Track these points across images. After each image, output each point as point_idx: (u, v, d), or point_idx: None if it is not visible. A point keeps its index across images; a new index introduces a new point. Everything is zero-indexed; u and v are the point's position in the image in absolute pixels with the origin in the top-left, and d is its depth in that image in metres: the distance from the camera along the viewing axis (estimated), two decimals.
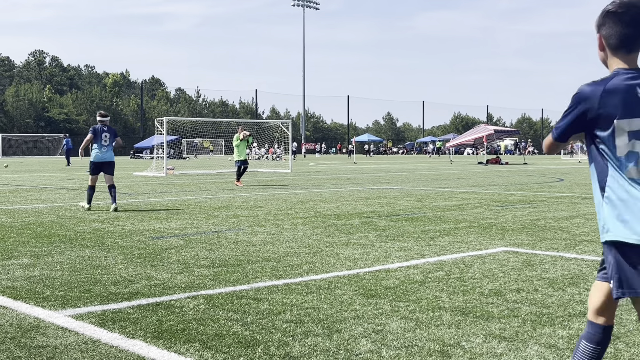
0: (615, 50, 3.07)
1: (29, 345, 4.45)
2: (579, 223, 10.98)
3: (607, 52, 3.11)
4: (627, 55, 3.05)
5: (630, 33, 3.02)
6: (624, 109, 2.96)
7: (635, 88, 2.98)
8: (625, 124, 2.96)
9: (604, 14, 3.07)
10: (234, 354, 4.27)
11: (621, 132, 2.97)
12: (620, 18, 3.01)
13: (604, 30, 3.08)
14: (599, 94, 2.97)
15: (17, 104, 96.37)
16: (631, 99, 2.96)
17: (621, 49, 3.05)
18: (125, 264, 7.38)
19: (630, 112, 2.96)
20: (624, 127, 2.96)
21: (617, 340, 4.54)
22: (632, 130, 2.97)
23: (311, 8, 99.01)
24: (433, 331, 4.76)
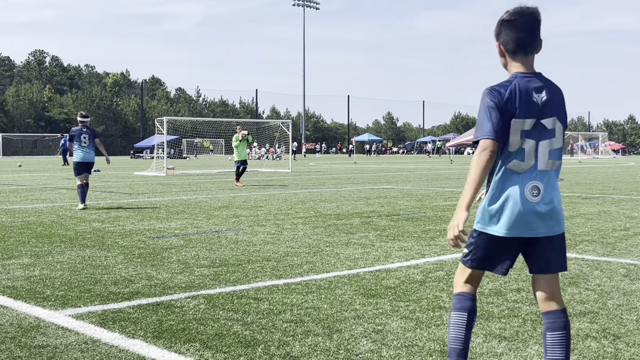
0: (513, 55, 3.40)
1: (29, 345, 4.44)
2: (579, 223, 10.98)
3: (507, 58, 3.43)
4: (525, 57, 3.38)
5: (525, 37, 3.35)
6: (520, 109, 3.28)
7: (531, 90, 3.31)
8: (519, 123, 3.29)
9: (500, 23, 3.41)
10: (234, 353, 4.27)
11: (515, 130, 3.29)
12: (515, 25, 3.35)
13: (502, 38, 3.42)
14: (505, 93, 3.29)
15: (17, 103, 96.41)
16: (526, 100, 3.29)
17: (518, 52, 3.38)
18: (126, 263, 7.38)
19: (525, 112, 3.29)
20: (518, 125, 3.29)
21: (617, 340, 4.54)
22: (524, 129, 3.30)
23: (311, 8, 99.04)
24: (433, 331, 4.76)
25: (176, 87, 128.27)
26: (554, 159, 3.39)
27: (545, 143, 3.34)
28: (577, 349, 4.37)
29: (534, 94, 3.32)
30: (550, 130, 3.36)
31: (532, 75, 3.37)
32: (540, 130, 3.33)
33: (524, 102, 3.29)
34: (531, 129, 3.31)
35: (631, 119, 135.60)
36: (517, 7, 3.37)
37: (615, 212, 12.77)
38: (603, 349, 4.37)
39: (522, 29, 3.35)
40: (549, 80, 3.42)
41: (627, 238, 9.26)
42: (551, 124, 3.35)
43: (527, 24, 3.35)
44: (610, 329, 4.81)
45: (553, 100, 3.37)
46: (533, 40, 3.37)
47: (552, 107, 3.36)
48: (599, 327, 4.87)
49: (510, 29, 3.37)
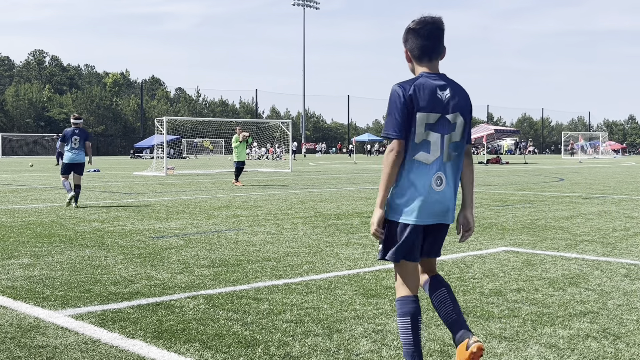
0: (419, 60, 3.67)
1: (29, 345, 4.44)
2: (579, 223, 10.97)
3: (413, 63, 3.71)
4: (429, 63, 3.66)
5: (429, 44, 3.63)
6: (424, 104, 3.54)
7: (435, 88, 3.58)
8: (424, 117, 3.54)
9: (407, 30, 3.68)
10: (234, 354, 4.27)
11: (421, 123, 3.55)
12: (420, 33, 3.63)
13: (409, 45, 3.69)
14: (410, 90, 3.54)
15: (17, 103, 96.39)
16: (431, 96, 3.56)
17: (423, 58, 3.65)
18: (125, 263, 7.38)
19: (429, 107, 3.55)
20: (423, 119, 3.54)
21: (618, 340, 4.54)
22: (429, 122, 3.56)
23: (311, 8, 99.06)
24: (433, 331, 4.76)
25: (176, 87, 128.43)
26: (457, 152, 3.66)
27: (449, 137, 3.61)
28: (577, 349, 4.36)
29: (439, 91, 3.59)
30: (453, 125, 3.63)
31: (437, 76, 3.65)
32: (444, 125, 3.59)
33: (429, 98, 3.55)
34: (436, 122, 3.57)
35: (631, 118, 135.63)
36: (422, 17, 3.66)
37: (616, 212, 12.77)
38: (603, 349, 4.36)
39: (427, 37, 3.62)
40: (453, 80, 3.71)
41: (627, 238, 9.25)
42: (454, 119, 3.62)
43: (431, 32, 3.63)
44: (610, 329, 4.80)
45: (456, 98, 3.64)
46: (437, 47, 3.65)
47: (456, 104, 3.62)
48: (599, 327, 4.86)
49: (416, 36, 3.64)
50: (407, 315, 3.61)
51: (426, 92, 3.55)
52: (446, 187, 3.61)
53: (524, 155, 68.63)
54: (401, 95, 3.54)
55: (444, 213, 3.63)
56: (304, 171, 34.54)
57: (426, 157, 3.56)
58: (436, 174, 3.57)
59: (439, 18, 3.66)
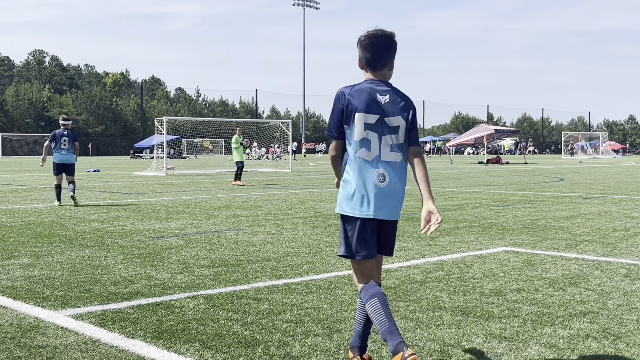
0: (366, 68, 3.98)
1: (29, 345, 4.44)
2: (579, 223, 10.97)
3: (363, 70, 4.01)
4: (374, 72, 3.96)
5: (373, 57, 3.94)
6: (363, 105, 3.84)
7: (375, 92, 3.88)
8: (363, 117, 3.84)
9: (358, 41, 3.99)
10: (234, 354, 4.27)
11: (359, 122, 3.84)
12: (364, 44, 3.94)
13: (359, 54, 4.02)
14: (348, 93, 3.87)
15: (17, 103, 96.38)
16: (369, 99, 3.86)
17: (369, 67, 3.96)
18: (125, 264, 7.38)
19: (367, 108, 3.84)
20: (362, 119, 3.84)
21: (618, 340, 4.54)
22: (367, 122, 3.84)
23: (311, 8, 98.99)
24: (433, 331, 4.76)
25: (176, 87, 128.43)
26: (396, 152, 3.90)
27: (388, 137, 3.87)
28: (577, 349, 4.36)
29: (379, 95, 3.89)
30: (393, 128, 3.88)
31: (380, 82, 3.95)
32: (383, 126, 3.87)
33: (367, 100, 3.85)
34: (375, 123, 3.86)
35: (631, 118, 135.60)
36: (372, 31, 3.95)
37: (616, 212, 12.77)
38: (603, 349, 4.36)
39: (370, 49, 3.93)
40: (398, 89, 3.99)
41: (627, 238, 9.25)
42: (394, 123, 3.88)
43: (377, 45, 3.93)
44: (610, 329, 4.80)
45: (397, 103, 3.91)
46: (380, 59, 3.94)
47: (396, 109, 3.89)
48: (599, 327, 4.86)
49: (364, 48, 3.95)
50: (373, 296, 3.75)
51: (364, 95, 3.86)
52: (389, 184, 3.85)
53: (524, 155, 68.63)
54: (340, 98, 3.88)
55: (390, 209, 3.85)
56: (304, 171, 34.54)
57: (367, 154, 3.84)
58: (378, 170, 3.84)
59: (389, 33, 3.95)
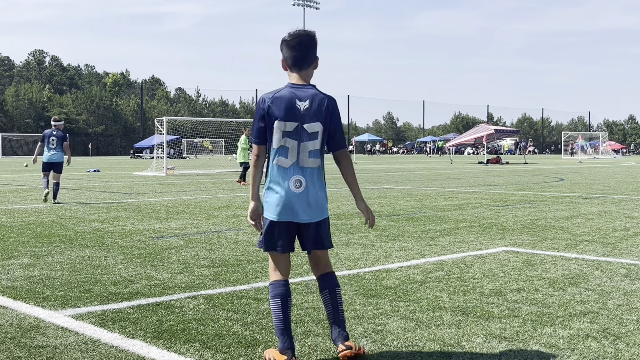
0: (291, 68, 4.09)
1: (29, 345, 4.44)
2: (579, 223, 10.97)
3: (287, 71, 4.13)
4: (299, 72, 4.08)
5: (299, 55, 4.06)
6: (281, 113, 3.97)
7: (294, 99, 3.99)
8: (282, 125, 3.98)
9: (282, 42, 4.10)
10: (234, 354, 4.27)
11: (278, 130, 3.98)
12: (290, 44, 4.05)
13: (283, 54, 4.12)
14: (268, 101, 4.00)
15: (17, 103, 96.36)
16: (288, 107, 3.98)
17: (294, 67, 4.08)
18: (125, 264, 7.38)
19: (285, 116, 3.97)
20: (280, 127, 3.98)
21: (618, 340, 4.54)
22: (285, 130, 3.99)
23: (311, 8, 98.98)
24: (433, 331, 4.75)
25: (176, 87, 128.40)
26: (315, 157, 4.06)
27: (305, 144, 4.02)
28: (577, 349, 4.36)
29: (297, 102, 3.99)
30: (312, 134, 4.02)
31: (302, 86, 4.05)
32: (301, 133, 4.00)
33: (286, 108, 3.98)
34: (293, 131, 3.99)
35: (631, 118, 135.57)
36: (295, 31, 4.09)
37: (616, 212, 12.77)
38: (603, 349, 4.36)
39: (298, 48, 4.04)
40: (320, 92, 4.08)
41: (627, 238, 9.25)
42: (313, 129, 4.02)
43: (301, 44, 4.05)
44: (610, 329, 4.80)
45: (317, 109, 4.02)
46: (306, 58, 4.07)
47: (315, 114, 4.02)
48: (599, 327, 4.86)
49: (288, 48, 4.07)
50: (277, 297, 4.07)
51: (283, 103, 3.98)
52: (305, 189, 4.02)
53: (524, 155, 68.62)
54: (261, 106, 4.03)
55: (306, 212, 4.03)
56: None
57: (284, 162, 4.01)
58: (294, 177, 4.01)
59: (311, 32, 4.10)
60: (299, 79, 4.09)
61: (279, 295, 4.06)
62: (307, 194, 4.03)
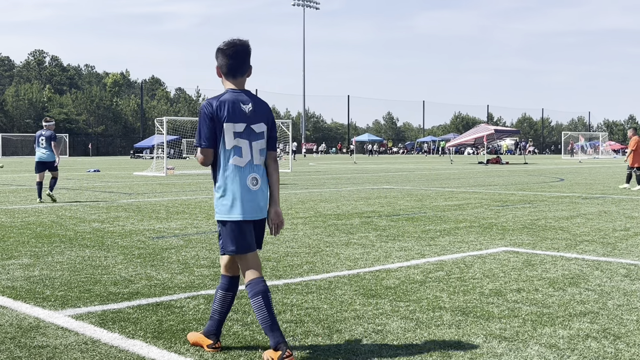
0: (226, 76, 4.27)
1: (29, 345, 4.44)
2: (579, 223, 10.97)
3: (222, 78, 4.30)
4: (235, 79, 4.27)
5: (234, 63, 4.23)
6: (230, 115, 4.15)
7: (239, 102, 4.20)
8: (231, 126, 4.15)
9: (217, 50, 4.26)
10: (234, 354, 4.27)
11: (228, 132, 4.14)
12: (227, 53, 4.22)
13: (218, 62, 4.29)
14: (215, 105, 4.15)
15: (17, 103, 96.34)
16: (235, 109, 4.17)
17: (229, 75, 4.26)
18: (125, 264, 7.38)
19: (234, 118, 4.16)
20: (230, 128, 4.15)
21: (618, 340, 4.54)
22: (236, 131, 4.16)
23: (311, 8, 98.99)
24: (433, 331, 4.76)
25: (176, 87, 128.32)
26: (263, 156, 4.28)
27: (256, 143, 4.23)
28: (577, 349, 4.36)
29: (242, 105, 4.20)
30: (259, 134, 4.25)
31: (241, 91, 4.26)
32: (250, 133, 4.21)
33: (233, 110, 4.16)
34: (243, 131, 4.18)
35: (631, 119, 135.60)
36: (230, 40, 4.25)
37: (616, 212, 12.77)
38: (603, 349, 4.36)
39: (233, 57, 4.22)
40: (256, 96, 4.32)
41: (627, 238, 9.25)
42: (259, 129, 4.25)
43: (237, 53, 4.22)
44: (610, 329, 4.80)
45: (259, 111, 4.26)
46: (241, 66, 4.26)
47: (258, 116, 4.25)
48: (599, 327, 4.86)
49: (224, 56, 4.23)
50: (258, 294, 4.14)
51: (230, 106, 4.16)
52: (260, 186, 4.22)
53: (524, 156, 68.61)
54: (207, 111, 4.14)
55: (261, 209, 4.24)
56: (304, 171, 34.54)
57: (240, 161, 4.16)
58: (250, 175, 4.18)
59: (246, 41, 4.27)
60: (235, 86, 4.27)
61: (261, 292, 4.14)
62: (262, 191, 4.24)
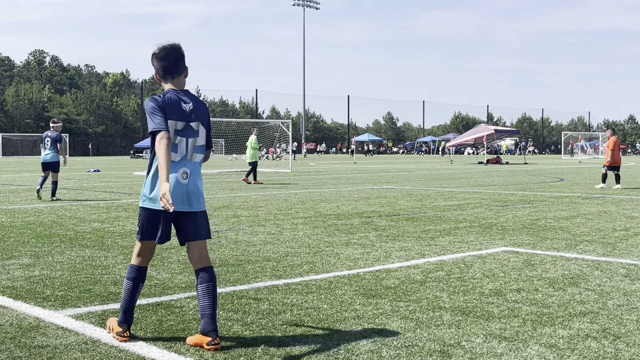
0: (164, 78, 4.57)
1: (29, 345, 4.44)
2: (579, 223, 10.98)
3: (161, 81, 4.60)
4: (173, 80, 4.56)
5: (168, 65, 4.53)
6: (172, 114, 4.42)
7: (180, 101, 4.48)
8: (173, 124, 4.42)
9: (152, 55, 4.56)
10: (234, 354, 4.27)
11: (170, 128, 4.39)
12: (159, 56, 4.54)
13: (154, 66, 4.59)
14: (161, 100, 4.43)
15: (17, 103, 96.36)
16: (177, 108, 4.45)
17: (166, 76, 4.55)
18: (125, 264, 7.38)
19: (176, 116, 4.43)
20: (172, 125, 4.41)
21: (617, 340, 4.54)
22: (177, 129, 4.44)
23: (311, 8, 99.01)
24: (433, 331, 4.76)
25: None
26: (198, 152, 4.55)
27: (192, 140, 4.50)
28: (577, 349, 4.36)
29: (183, 104, 4.49)
30: (196, 131, 4.52)
31: (182, 91, 4.55)
32: (189, 131, 4.49)
33: (175, 109, 4.44)
34: (182, 129, 4.46)
35: (631, 119, 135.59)
36: (163, 45, 4.55)
37: (616, 212, 12.77)
38: (603, 349, 4.37)
39: (166, 59, 4.52)
40: (195, 96, 4.62)
41: (627, 238, 9.26)
42: (197, 127, 4.53)
43: (169, 55, 4.52)
44: (610, 329, 4.80)
45: (197, 110, 4.54)
46: (175, 67, 4.54)
47: (197, 115, 4.53)
48: (599, 327, 4.86)
49: (158, 60, 4.54)
50: (132, 279, 4.56)
51: (173, 104, 4.44)
52: (191, 180, 4.47)
53: (523, 156, 68.63)
54: (156, 103, 4.41)
55: (190, 201, 4.46)
56: (304, 171, 34.55)
57: (174, 156, 4.42)
58: (182, 169, 4.44)
59: (177, 44, 4.57)
60: (174, 86, 4.55)
61: (134, 279, 4.56)
62: (192, 185, 4.47)
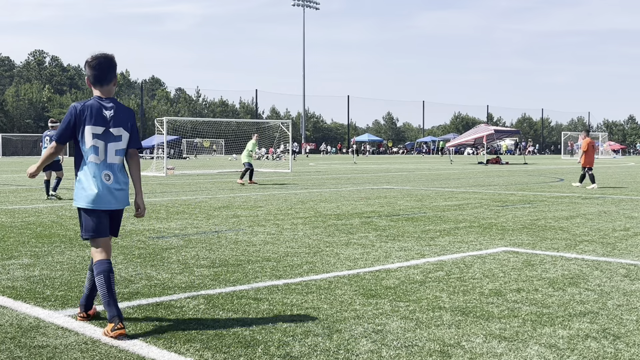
0: (93, 85, 4.95)
1: (29, 345, 4.44)
2: (579, 223, 10.98)
3: (91, 87, 4.97)
4: (101, 87, 4.94)
5: (98, 74, 4.92)
6: (91, 119, 4.84)
7: (101, 108, 4.88)
8: (92, 129, 4.84)
9: (85, 63, 4.95)
10: (234, 354, 4.27)
11: (89, 133, 4.84)
12: (91, 65, 4.92)
13: (86, 73, 5.00)
14: (79, 109, 4.85)
15: (17, 104, 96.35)
16: (97, 114, 4.86)
17: (96, 83, 4.94)
18: (125, 264, 7.38)
19: (95, 122, 4.85)
20: (90, 130, 4.84)
21: (617, 340, 4.54)
22: (95, 133, 4.85)
23: (311, 8, 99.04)
24: (433, 331, 4.76)
25: (176, 87, 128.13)
26: (119, 155, 4.93)
27: (112, 144, 4.88)
28: (577, 349, 4.37)
29: (104, 111, 4.88)
30: (117, 136, 4.90)
31: (107, 99, 4.94)
32: (108, 136, 4.87)
33: (95, 115, 4.84)
34: (102, 134, 4.85)
35: (631, 119, 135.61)
36: (95, 54, 4.93)
37: (615, 212, 12.78)
38: (603, 349, 4.37)
39: (97, 68, 4.90)
40: (121, 103, 5.00)
41: (627, 238, 9.26)
42: (117, 132, 4.90)
43: (100, 65, 4.91)
44: (610, 329, 4.81)
45: (119, 116, 4.91)
46: (106, 76, 4.92)
47: (118, 121, 4.90)
48: (599, 327, 4.87)
49: (90, 68, 4.93)
50: (102, 273, 4.76)
51: (93, 111, 4.84)
52: (114, 181, 4.87)
53: (523, 156, 68.66)
54: (72, 113, 4.84)
55: (115, 200, 4.88)
56: (304, 171, 34.55)
57: (96, 158, 4.83)
58: (105, 171, 4.85)
59: (110, 55, 4.96)
60: (101, 94, 4.93)
61: (104, 272, 4.76)
62: (115, 185, 4.87)
